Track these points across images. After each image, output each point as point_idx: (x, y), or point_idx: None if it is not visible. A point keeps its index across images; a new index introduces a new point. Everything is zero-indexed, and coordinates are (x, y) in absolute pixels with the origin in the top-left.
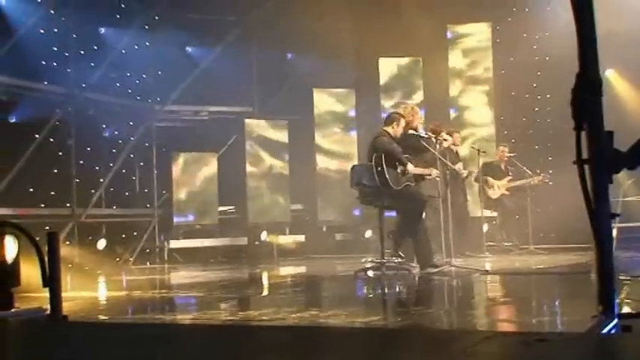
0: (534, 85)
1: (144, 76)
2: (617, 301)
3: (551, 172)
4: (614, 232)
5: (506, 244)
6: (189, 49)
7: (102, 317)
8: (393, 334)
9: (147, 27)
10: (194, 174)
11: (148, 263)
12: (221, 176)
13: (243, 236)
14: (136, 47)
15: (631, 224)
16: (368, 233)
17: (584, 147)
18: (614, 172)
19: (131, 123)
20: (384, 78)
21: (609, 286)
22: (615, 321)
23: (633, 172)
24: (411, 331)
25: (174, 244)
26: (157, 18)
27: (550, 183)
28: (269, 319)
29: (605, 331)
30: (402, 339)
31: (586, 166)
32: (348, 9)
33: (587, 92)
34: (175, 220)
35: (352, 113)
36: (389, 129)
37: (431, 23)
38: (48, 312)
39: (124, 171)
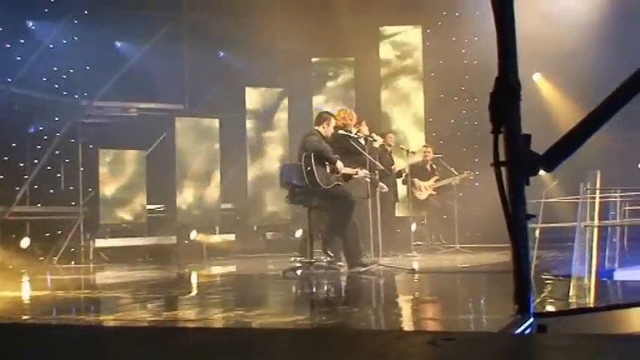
0: (463, 88)
1: (71, 71)
2: (532, 300)
3: (477, 172)
4: (537, 233)
5: (433, 243)
6: (118, 44)
7: (24, 318)
8: (303, 334)
9: (76, 21)
10: (122, 171)
11: (72, 262)
12: (150, 174)
13: (172, 235)
14: (64, 42)
15: (554, 224)
16: (298, 232)
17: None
18: (530, 175)
19: (57, 119)
20: (316, 78)
21: (525, 285)
22: (530, 320)
23: (558, 174)
24: (323, 331)
25: (101, 243)
26: (86, 12)
27: (476, 184)
28: (194, 319)
29: (519, 330)
30: (313, 339)
31: (503, 169)
32: (282, 9)
33: (506, 96)
34: (101, 218)
35: (284, 112)
36: (319, 128)
37: (363, 25)
38: None
39: (49, 168)
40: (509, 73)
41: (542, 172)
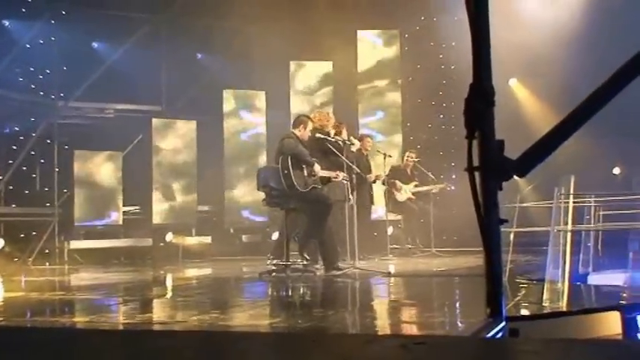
0: (440, 93)
1: (48, 71)
2: (505, 304)
3: (454, 177)
4: (512, 237)
5: (409, 246)
6: (96, 44)
7: None
8: (273, 337)
9: (53, 21)
10: (97, 173)
11: (47, 264)
12: (126, 176)
13: (148, 237)
14: (41, 42)
15: (528, 229)
16: (275, 235)
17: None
18: (503, 180)
19: (33, 119)
20: (294, 81)
21: (497, 289)
22: (502, 324)
23: (533, 179)
24: (293, 334)
25: (75, 244)
26: (63, 13)
27: (452, 188)
28: (168, 322)
29: (490, 334)
30: (283, 342)
31: (477, 174)
32: (260, 12)
33: (480, 102)
34: (77, 219)
35: (262, 115)
36: (296, 131)
37: (341, 29)
38: None
39: (24, 168)
40: (483, 79)
41: (517, 177)
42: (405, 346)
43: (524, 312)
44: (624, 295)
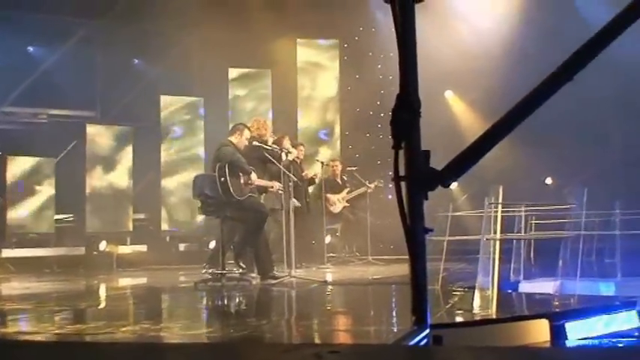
0: (378, 102)
1: None
2: (430, 311)
3: (391, 186)
4: (444, 245)
5: (346, 255)
6: (31, 48)
7: None
8: (192, 348)
9: None
10: (30, 179)
11: None
12: (59, 183)
13: (81, 246)
14: None
15: (460, 237)
16: (212, 244)
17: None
18: (429, 190)
19: None
20: (233, 88)
21: (422, 297)
22: (426, 332)
23: (467, 188)
24: (211, 344)
25: (7, 252)
26: None
27: (389, 196)
28: (97, 333)
29: (413, 342)
30: (200, 353)
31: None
32: (199, 18)
33: (406, 113)
34: (9, 227)
35: (200, 122)
36: (233, 139)
37: (281, 37)
38: None
39: None
40: (409, 91)
41: (453, 186)
42: (318, 354)
43: (459, 319)
44: (554, 302)
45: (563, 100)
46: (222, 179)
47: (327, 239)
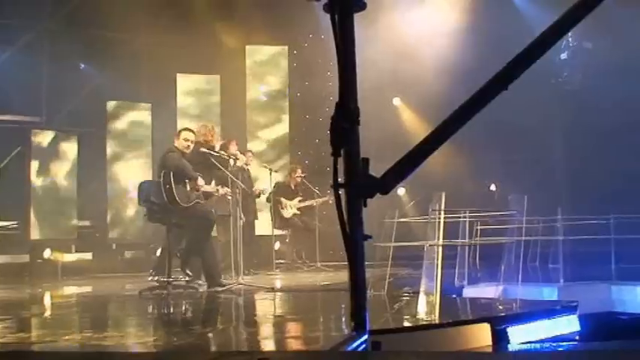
0: (327, 108)
1: None
2: (368, 317)
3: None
4: (390, 251)
5: (295, 261)
6: None
7: None
8: (123, 357)
9: None
10: None
11: None
12: (2, 189)
13: (25, 253)
14: None
15: (405, 243)
16: (159, 251)
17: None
18: (368, 197)
19: None
20: (181, 94)
21: (361, 302)
22: (364, 337)
23: (414, 195)
24: (149, 353)
25: None
26: None
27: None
28: (38, 342)
29: (351, 347)
30: None
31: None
32: (147, 23)
33: (345, 121)
34: None
35: (147, 128)
36: (177, 144)
37: (230, 43)
38: None
39: None
40: (349, 99)
41: (401, 193)
42: None
43: (404, 324)
44: (497, 307)
45: (507, 108)
46: (167, 186)
47: (276, 246)
